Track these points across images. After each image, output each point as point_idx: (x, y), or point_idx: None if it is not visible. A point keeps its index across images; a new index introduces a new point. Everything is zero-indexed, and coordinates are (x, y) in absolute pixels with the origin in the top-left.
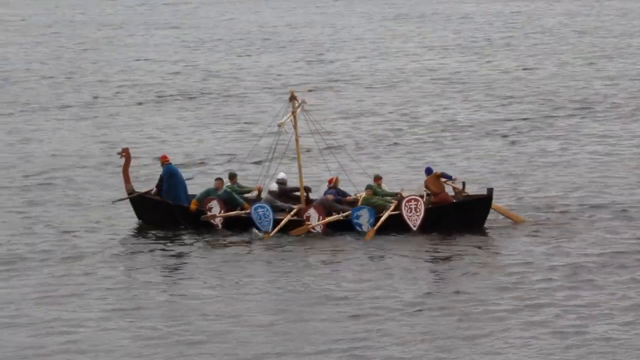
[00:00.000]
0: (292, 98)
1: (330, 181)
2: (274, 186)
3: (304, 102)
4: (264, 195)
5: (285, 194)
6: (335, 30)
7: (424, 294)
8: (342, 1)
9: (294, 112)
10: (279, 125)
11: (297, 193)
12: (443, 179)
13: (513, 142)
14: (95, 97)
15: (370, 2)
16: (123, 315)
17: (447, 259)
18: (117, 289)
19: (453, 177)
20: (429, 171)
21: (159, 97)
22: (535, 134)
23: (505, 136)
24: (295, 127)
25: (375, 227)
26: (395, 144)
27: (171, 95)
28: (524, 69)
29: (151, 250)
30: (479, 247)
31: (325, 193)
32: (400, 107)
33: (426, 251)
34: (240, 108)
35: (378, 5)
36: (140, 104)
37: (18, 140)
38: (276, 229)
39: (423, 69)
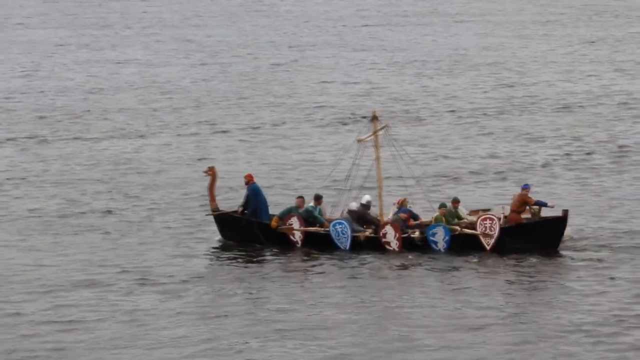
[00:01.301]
0: (374, 118)
1: (398, 202)
2: (354, 205)
3: (387, 126)
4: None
5: (364, 218)
6: (531, 53)
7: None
8: (546, 25)
9: (375, 132)
10: (358, 141)
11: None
12: (535, 206)
13: None
14: (276, 119)
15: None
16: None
17: (518, 281)
18: (201, 305)
19: (549, 205)
20: (525, 187)
21: (340, 119)
22: None
23: None
24: (376, 147)
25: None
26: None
27: (349, 117)
28: None
29: (234, 267)
30: (551, 272)
31: (396, 213)
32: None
33: (498, 272)
34: (410, 131)
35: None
36: (321, 125)
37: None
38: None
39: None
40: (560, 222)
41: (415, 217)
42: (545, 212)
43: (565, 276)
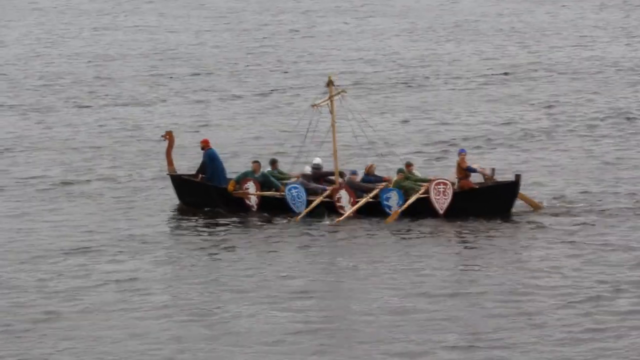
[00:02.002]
0: (330, 83)
1: (366, 168)
2: (308, 169)
3: (343, 91)
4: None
5: (319, 177)
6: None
7: (442, 280)
8: None
9: (331, 97)
10: (313, 107)
11: (332, 177)
12: (463, 168)
13: None
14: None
15: None
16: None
17: (468, 246)
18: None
19: (479, 170)
20: (461, 151)
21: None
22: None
23: None
24: (332, 112)
25: (400, 210)
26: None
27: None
28: None
29: (189, 231)
30: (502, 235)
31: (363, 179)
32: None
33: (449, 236)
34: (417, 96)
35: None
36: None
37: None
38: (308, 209)
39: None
40: (512, 187)
41: (370, 180)
42: (502, 177)
43: (516, 239)
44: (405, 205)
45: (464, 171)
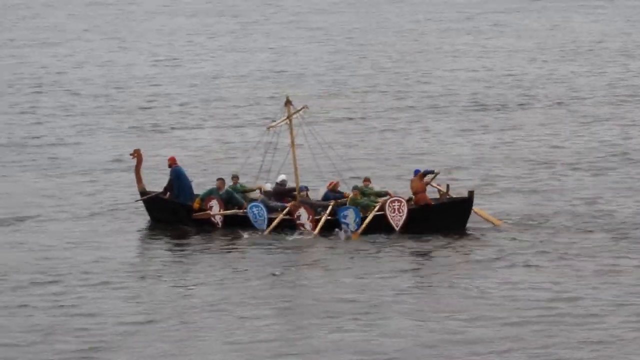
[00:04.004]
0: (288, 103)
1: (330, 185)
2: (268, 186)
3: (305, 107)
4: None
5: (282, 194)
6: None
7: (400, 293)
8: None
9: (289, 117)
10: (268, 128)
11: (295, 193)
12: (427, 177)
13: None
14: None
15: None
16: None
17: (426, 259)
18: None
19: (436, 170)
20: (416, 172)
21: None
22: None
23: None
24: (291, 131)
25: (361, 229)
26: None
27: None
28: None
29: (158, 246)
30: (457, 249)
31: (325, 196)
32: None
33: (406, 252)
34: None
35: None
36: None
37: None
38: (270, 228)
39: None
40: (466, 203)
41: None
42: (456, 194)
43: (470, 256)
44: (364, 225)
45: (422, 184)
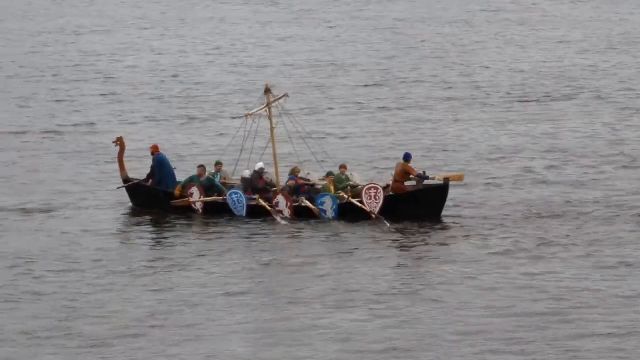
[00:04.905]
0: (267, 91)
1: (291, 170)
2: (247, 173)
3: (286, 95)
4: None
5: (256, 184)
6: None
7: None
8: None
9: (268, 105)
10: (246, 116)
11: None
12: (413, 175)
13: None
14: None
15: None
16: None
17: (403, 247)
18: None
19: (430, 177)
20: (406, 157)
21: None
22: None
23: None
24: (270, 119)
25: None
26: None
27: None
28: None
29: (139, 232)
30: (434, 236)
31: (288, 180)
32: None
33: (382, 238)
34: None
35: None
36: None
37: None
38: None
39: None
40: (442, 191)
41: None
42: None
43: (445, 244)
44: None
45: (404, 175)
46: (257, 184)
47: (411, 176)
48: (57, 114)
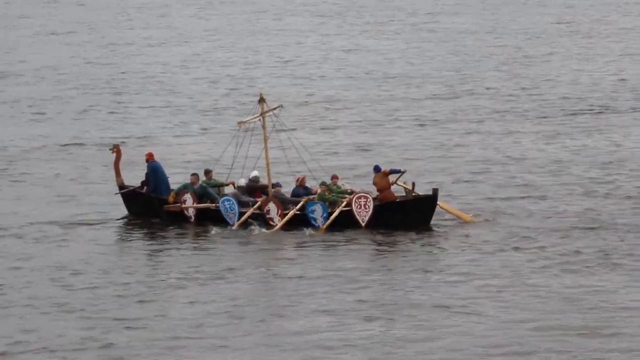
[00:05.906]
0: (261, 100)
1: (297, 180)
2: (242, 182)
3: (280, 106)
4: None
5: (254, 190)
6: None
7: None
8: None
9: (262, 114)
10: (239, 124)
11: (268, 190)
12: (392, 175)
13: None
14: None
15: None
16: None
17: (391, 255)
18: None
19: (402, 170)
20: (377, 169)
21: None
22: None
23: None
24: (264, 128)
25: (327, 223)
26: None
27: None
28: None
29: (134, 238)
30: (421, 245)
31: (294, 191)
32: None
33: (372, 247)
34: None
35: None
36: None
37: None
38: (241, 221)
39: None
40: (430, 200)
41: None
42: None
43: (434, 252)
44: (330, 220)
45: (386, 181)
46: (252, 193)
47: (389, 175)
48: (112, 125)
